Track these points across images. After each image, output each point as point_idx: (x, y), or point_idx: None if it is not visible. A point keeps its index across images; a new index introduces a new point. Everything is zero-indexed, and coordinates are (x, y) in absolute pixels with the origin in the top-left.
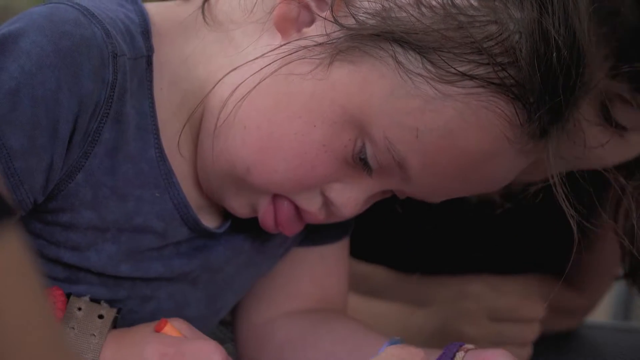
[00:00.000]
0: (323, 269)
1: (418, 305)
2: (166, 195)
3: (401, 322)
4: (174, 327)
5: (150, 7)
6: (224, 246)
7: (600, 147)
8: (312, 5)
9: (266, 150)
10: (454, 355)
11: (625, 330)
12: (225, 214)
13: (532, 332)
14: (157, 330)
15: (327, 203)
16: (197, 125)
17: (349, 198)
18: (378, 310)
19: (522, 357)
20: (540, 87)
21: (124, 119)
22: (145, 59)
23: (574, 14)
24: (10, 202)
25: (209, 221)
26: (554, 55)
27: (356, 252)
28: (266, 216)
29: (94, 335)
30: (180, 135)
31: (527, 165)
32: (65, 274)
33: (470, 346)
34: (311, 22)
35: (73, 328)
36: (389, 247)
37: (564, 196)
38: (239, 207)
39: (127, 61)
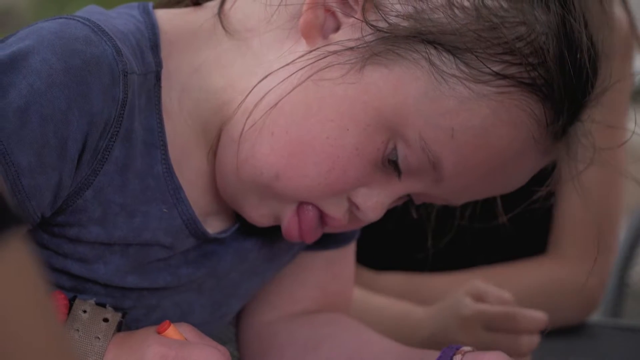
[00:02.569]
0: (329, 273)
1: (418, 304)
2: (175, 211)
3: (396, 321)
4: (176, 330)
5: (161, 15)
6: (231, 254)
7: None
8: (339, 11)
9: (296, 155)
10: (451, 359)
11: (624, 328)
12: (235, 217)
13: (529, 344)
14: (159, 332)
15: (351, 208)
16: (211, 132)
17: (376, 202)
18: (374, 308)
19: None
20: (565, 87)
21: (132, 135)
22: (154, 75)
23: (592, 19)
24: (17, 211)
25: (217, 225)
26: (577, 56)
27: (365, 259)
28: (291, 225)
29: (98, 338)
30: (195, 142)
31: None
32: (72, 284)
33: (467, 348)
34: (337, 28)
35: (77, 330)
36: (398, 250)
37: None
38: (260, 217)
39: (136, 78)
